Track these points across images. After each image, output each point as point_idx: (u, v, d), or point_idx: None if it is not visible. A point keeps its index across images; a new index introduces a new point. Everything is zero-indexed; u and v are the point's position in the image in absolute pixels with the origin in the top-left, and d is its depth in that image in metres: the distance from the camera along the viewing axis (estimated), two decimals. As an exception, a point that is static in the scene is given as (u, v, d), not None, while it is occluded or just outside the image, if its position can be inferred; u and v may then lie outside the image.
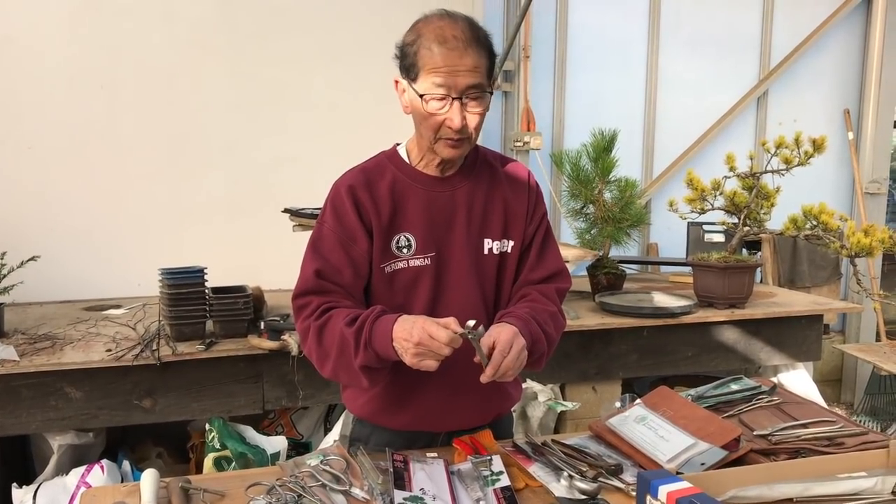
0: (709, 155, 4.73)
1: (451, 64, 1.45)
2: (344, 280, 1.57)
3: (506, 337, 1.43)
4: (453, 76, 1.45)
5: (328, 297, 1.55)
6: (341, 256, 1.57)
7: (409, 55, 1.50)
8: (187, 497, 1.43)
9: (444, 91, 1.46)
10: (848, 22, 5.06)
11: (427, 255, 1.61)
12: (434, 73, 1.46)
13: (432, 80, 1.46)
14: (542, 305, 1.65)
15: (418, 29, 1.50)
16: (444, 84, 1.46)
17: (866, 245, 2.97)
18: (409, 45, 1.50)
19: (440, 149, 1.54)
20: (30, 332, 2.86)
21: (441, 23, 1.47)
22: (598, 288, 3.57)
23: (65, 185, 3.55)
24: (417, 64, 1.48)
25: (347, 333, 1.46)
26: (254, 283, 3.07)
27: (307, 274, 1.57)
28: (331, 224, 1.59)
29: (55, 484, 2.59)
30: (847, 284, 5.11)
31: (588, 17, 4.52)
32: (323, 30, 3.83)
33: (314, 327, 1.52)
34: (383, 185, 1.60)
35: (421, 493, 1.43)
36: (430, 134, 1.53)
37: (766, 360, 3.47)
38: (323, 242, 1.59)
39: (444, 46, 1.45)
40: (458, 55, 1.45)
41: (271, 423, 3.26)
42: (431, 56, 1.46)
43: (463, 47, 1.45)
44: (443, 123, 1.49)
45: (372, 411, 1.70)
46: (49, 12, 3.45)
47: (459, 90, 1.46)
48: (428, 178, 1.62)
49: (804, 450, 1.65)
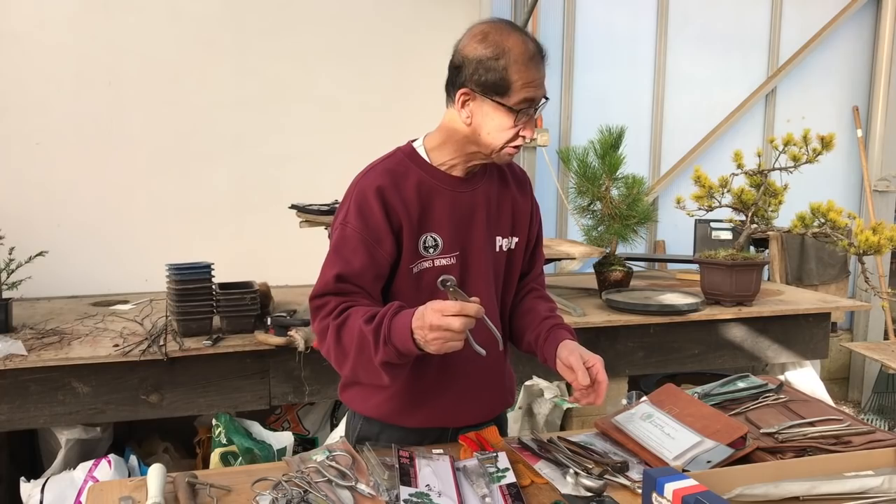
0: (716, 152, 4.71)
1: (539, 78, 1.52)
2: (364, 282, 1.56)
3: (601, 363, 1.55)
4: (538, 89, 1.52)
5: (347, 297, 1.54)
6: (364, 258, 1.55)
7: (494, 69, 1.49)
8: (194, 492, 1.43)
9: (532, 104, 1.52)
10: (857, 18, 5.03)
11: (452, 254, 1.62)
12: (527, 88, 1.50)
13: (524, 95, 1.50)
14: (553, 304, 1.80)
15: (499, 43, 1.49)
16: (534, 97, 1.52)
17: (874, 243, 2.96)
18: (494, 59, 1.49)
19: (502, 157, 1.59)
20: (38, 327, 2.88)
21: (522, 37, 1.52)
22: (605, 285, 3.56)
23: (72, 181, 3.57)
24: (508, 79, 1.49)
25: (366, 331, 1.45)
26: (260, 278, 3.08)
27: (328, 277, 1.55)
28: (355, 224, 1.56)
29: (63, 478, 2.61)
30: (855, 282, 5.09)
31: (596, 14, 4.51)
32: (329, 27, 3.83)
33: (333, 326, 1.51)
34: (409, 186, 1.59)
35: (427, 490, 1.43)
36: (498, 145, 1.55)
37: (773, 358, 3.46)
38: (346, 244, 1.56)
39: (535, 63, 1.51)
40: (541, 70, 1.53)
41: (277, 418, 3.28)
42: (526, 72, 1.49)
43: (542, 61, 1.53)
44: (516, 134, 1.54)
45: (387, 411, 1.68)
46: (56, 9, 3.46)
47: (538, 102, 1.53)
48: (451, 179, 1.63)
49: (811, 448, 1.64)
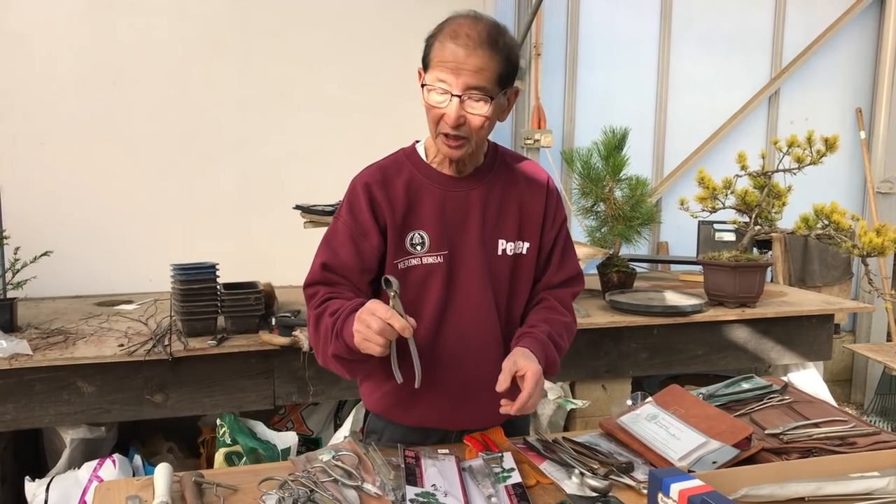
0: (720, 153, 4.71)
1: (456, 60, 1.47)
2: (349, 273, 1.60)
3: (532, 373, 1.47)
4: (456, 73, 1.48)
5: (333, 288, 1.60)
6: (350, 251, 1.60)
7: (427, 46, 1.54)
8: (200, 491, 1.44)
9: (445, 86, 1.49)
10: (860, 20, 5.03)
11: (440, 253, 1.63)
12: (440, 66, 1.49)
13: (437, 74, 1.50)
14: (558, 317, 1.69)
15: (443, 24, 1.53)
16: (447, 80, 1.49)
17: (878, 245, 2.96)
18: (431, 37, 1.54)
19: (440, 145, 1.57)
20: (42, 327, 2.88)
21: (463, 21, 1.50)
22: (609, 286, 3.56)
23: (77, 181, 3.57)
24: (430, 56, 1.53)
25: (328, 323, 1.51)
26: (265, 279, 3.08)
27: (315, 265, 1.63)
28: (345, 218, 1.63)
29: (67, 478, 2.61)
30: (858, 284, 5.09)
31: (600, 15, 4.51)
32: (334, 27, 3.83)
33: (313, 316, 1.58)
34: (399, 183, 1.62)
35: (433, 490, 1.43)
36: (433, 127, 1.56)
37: (776, 360, 3.46)
38: (336, 236, 1.63)
39: (454, 42, 1.47)
40: (465, 53, 1.47)
41: (282, 418, 3.28)
42: (442, 50, 1.49)
43: (473, 46, 1.47)
44: (442, 118, 1.52)
45: (385, 406, 1.73)
46: (61, 9, 3.47)
47: (460, 88, 1.49)
48: (444, 177, 1.64)
49: (816, 449, 1.65)
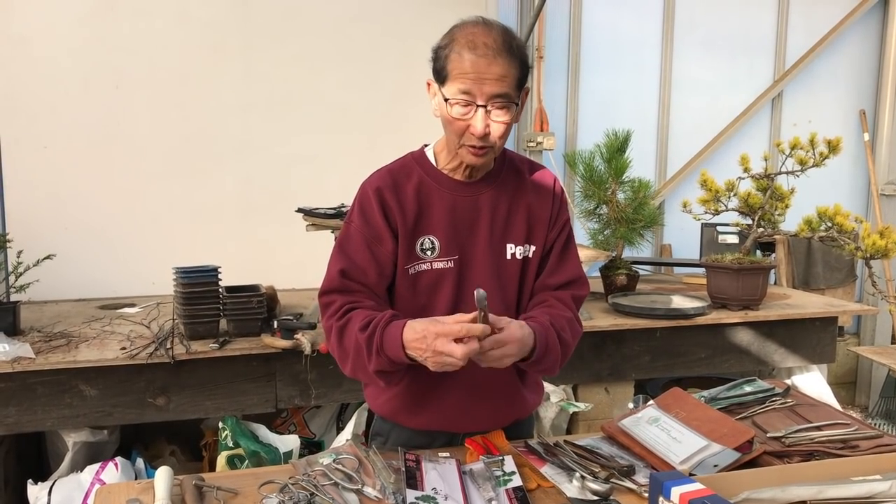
0: (723, 156, 4.70)
1: (478, 71, 1.45)
2: (368, 280, 1.59)
3: (511, 336, 1.44)
4: (479, 83, 1.45)
5: (351, 296, 1.58)
6: (366, 256, 1.59)
7: (440, 58, 1.51)
8: (201, 495, 1.43)
9: (469, 98, 1.47)
10: (864, 22, 5.02)
11: (450, 257, 1.62)
12: (461, 78, 1.46)
13: (458, 86, 1.47)
14: (559, 311, 1.65)
15: (453, 34, 1.50)
16: (470, 90, 1.46)
17: (881, 247, 2.95)
18: (442, 48, 1.51)
19: (463, 154, 1.56)
20: (45, 330, 2.89)
21: (475, 29, 1.48)
22: (611, 289, 3.56)
23: (80, 185, 3.58)
24: (447, 68, 1.49)
25: (360, 339, 1.48)
26: (267, 282, 3.09)
27: (332, 273, 1.60)
28: (357, 224, 1.61)
29: (70, 481, 2.61)
30: (862, 286, 5.06)
31: (602, 18, 4.50)
32: (336, 30, 3.84)
33: (336, 328, 1.55)
34: (409, 188, 1.61)
35: (433, 493, 1.43)
36: (455, 139, 1.54)
37: (779, 362, 3.45)
38: (349, 242, 1.61)
39: (473, 53, 1.45)
40: (486, 63, 1.44)
41: (284, 421, 3.28)
42: (461, 61, 1.46)
43: (493, 55, 1.45)
44: (466, 130, 1.50)
45: (392, 410, 1.72)
46: (64, 13, 3.48)
47: (485, 98, 1.47)
48: (453, 182, 1.64)
49: (818, 452, 1.64)
